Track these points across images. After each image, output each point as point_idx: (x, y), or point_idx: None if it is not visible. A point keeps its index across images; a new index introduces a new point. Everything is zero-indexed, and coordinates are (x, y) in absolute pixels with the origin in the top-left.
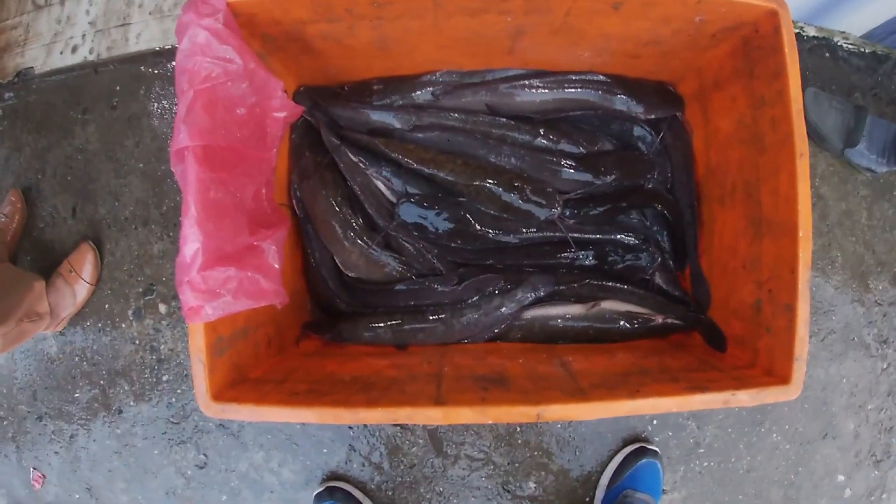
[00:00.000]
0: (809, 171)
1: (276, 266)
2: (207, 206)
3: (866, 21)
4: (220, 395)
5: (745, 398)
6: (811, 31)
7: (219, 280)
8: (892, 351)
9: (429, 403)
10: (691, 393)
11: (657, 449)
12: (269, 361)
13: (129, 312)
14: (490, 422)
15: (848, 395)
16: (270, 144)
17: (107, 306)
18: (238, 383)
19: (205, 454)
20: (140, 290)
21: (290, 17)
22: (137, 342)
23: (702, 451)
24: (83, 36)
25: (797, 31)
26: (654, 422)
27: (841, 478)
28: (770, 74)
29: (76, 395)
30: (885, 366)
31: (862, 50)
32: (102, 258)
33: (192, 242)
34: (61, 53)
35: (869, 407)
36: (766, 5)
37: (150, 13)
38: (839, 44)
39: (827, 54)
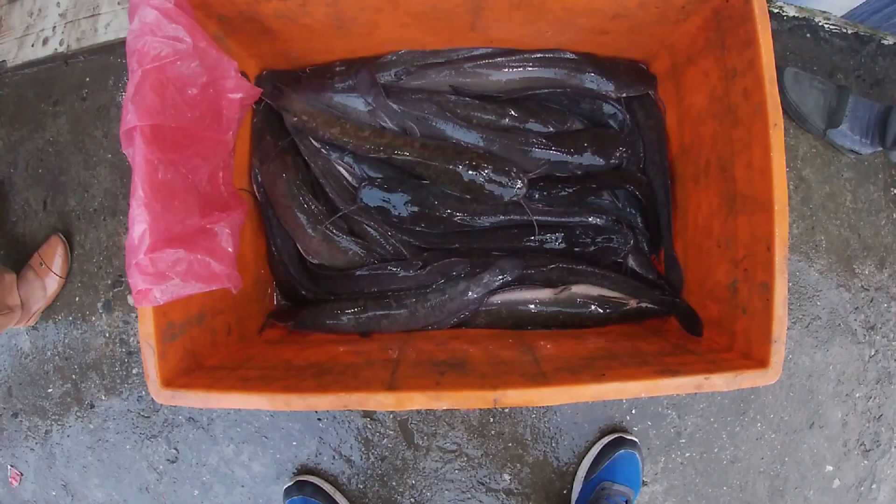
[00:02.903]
0: (790, 152)
1: (230, 249)
2: (156, 186)
3: (848, 0)
4: (170, 382)
5: (719, 382)
6: (791, 11)
7: (167, 262)
8: (879, 337)
9: (381, 389)
10: (662, 377)
11: (636, 439)
12: (227, 350)
13: (99, 305)
14: (445, 407)
15: (835, 383)
16: (227, 126)
17: (77, 299)
18: (192, 370)
19: (175, 448)
20: (109, 281)
21: None
22: (108, 335)
23: (683, 441)
24: (53, 28)
25: (776, 10)
26: (633, 411)
27: (829, 468)
28: (741, 44)
29: (49, 391)
30: (872, 352)
31: (844, 30)
32: (72, 250)
33: (139, 224)
34: (32, 46)
35: (857, 395)
36: None
37: (118, 3)
38: (820, 24)
39: (808, 35)
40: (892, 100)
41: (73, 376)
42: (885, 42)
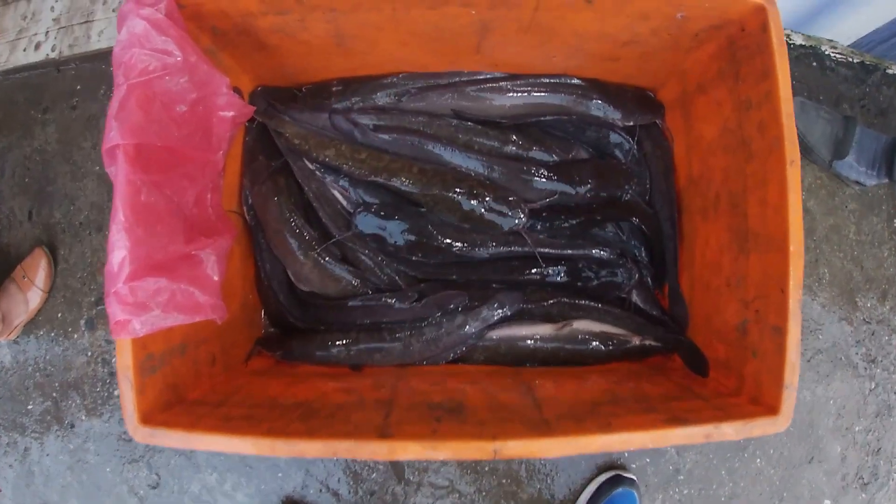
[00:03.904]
0: None
1: (216, 278)
2: (138, 210)
3: (855, 29)
4: (149, 419)
5: (729, 431)
6: (798, 40)
7: (148, 292)
8: (880, 370)
9: (373, 436)
10: (670, 426)
11: (634, 477)
12: (211, 381)
13: (82, 322)
14: (441, 458)
15: (835, 417)
16: (217, 146)
17: (60, 315)
18: (173, 405)
19: (157, 474)
20: (92, 298)
21: (238, 8)
22: (90, 354)
23: (681, 478)
24: (46, 33)
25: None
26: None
27: (827, 502)
28: (757, 75)
29: (29, 407)
30: (872, 386)
31: (850, 59)
32: (56, 264)
33: (118, 250)
34: (24, 50)
35: (857, 428)
36: (753, 1)
37: (113, 10)
38: (827, 52)
39: (814, 63)
40: None
41: (54, 394)
42: (891, 71)
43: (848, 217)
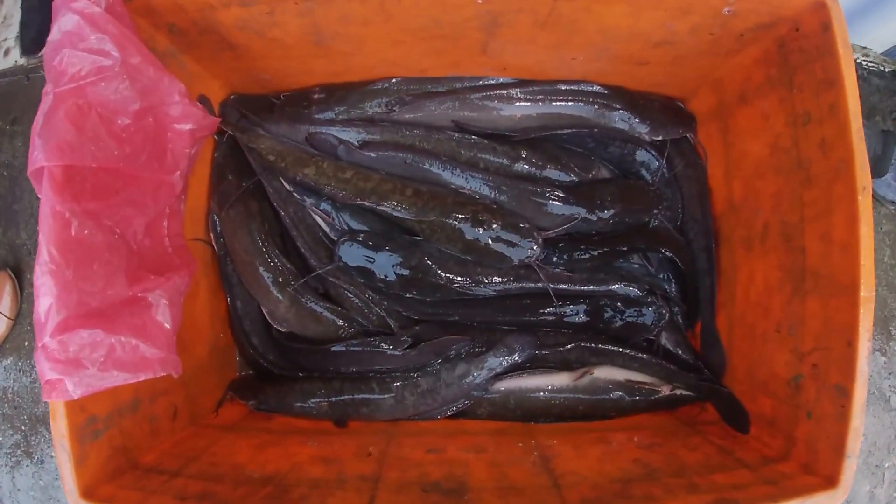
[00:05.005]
0: None
1: (167, 325)
2: (67, 247)
3: (891, 36)
4: (91, 493)
5: None
6: None
7: (82, 346)
8: None
9: None
10: None
11: None
12: (172, 437)
13: None
14: None
15: (865, 455)
16: (173, 165)
17: (27, 343)
18: (123, 472)
19: None
20: None
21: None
22: None
23: None
24: (17, 39)
25: None
26: None
27: None
28: (817, 84)
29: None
30: None
31: (882, 68)
32: (22, 289)
33: (44, 297)
34: None
35: (886, 465)
36: None
37: None
38: (859, 61)
39: None
40: None
41: (23, 427)
42: None
43: (883, 239)
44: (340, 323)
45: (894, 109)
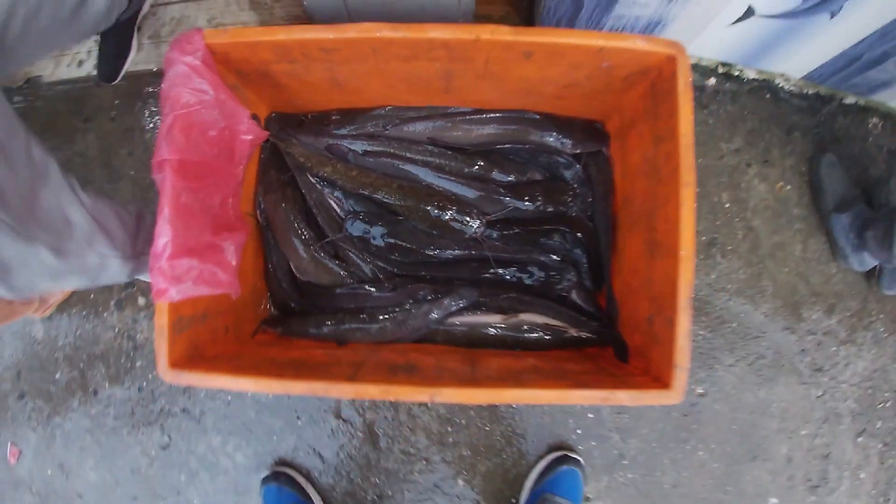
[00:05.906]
0: (740, 204)
1: (233, 262)
2: (178, 208)
3: (807, 63)
4: (176, 364)
5: (623, 397)
6: (751, 74)
7: (183, 268)
8: (827, 379)
9: (343, 381)
10: (573, 388)
11: (579, 458)
12: (224, 346)
13: (112, 303)
14: (391, 398)
15: (779, 420)
16: (238, 161)
17: (92, 296)
18: (194, 359)
19: (169, 436)
20: (123, 283)
21: (258, 57)
22: (117, 329)
23: (626, 462)
24: (88, 52)
25: (736, 73)
26: (579, 431)
27: (774, 500)
28: (668, 114)
29: (56, 377)
30: (819, 393)
31: (804, 91)
32: None
33: (163, 236)
34: (68, 66)
35: (802, 432)
36: (664, 51)
37: (148, 37)
38: (780, 85)
39: (768, 95)
40: (851, 159)
41: (81, 364)
42: (847, 101)
43: (794, 236)
44: (344, 274)
45: (816, 126)
